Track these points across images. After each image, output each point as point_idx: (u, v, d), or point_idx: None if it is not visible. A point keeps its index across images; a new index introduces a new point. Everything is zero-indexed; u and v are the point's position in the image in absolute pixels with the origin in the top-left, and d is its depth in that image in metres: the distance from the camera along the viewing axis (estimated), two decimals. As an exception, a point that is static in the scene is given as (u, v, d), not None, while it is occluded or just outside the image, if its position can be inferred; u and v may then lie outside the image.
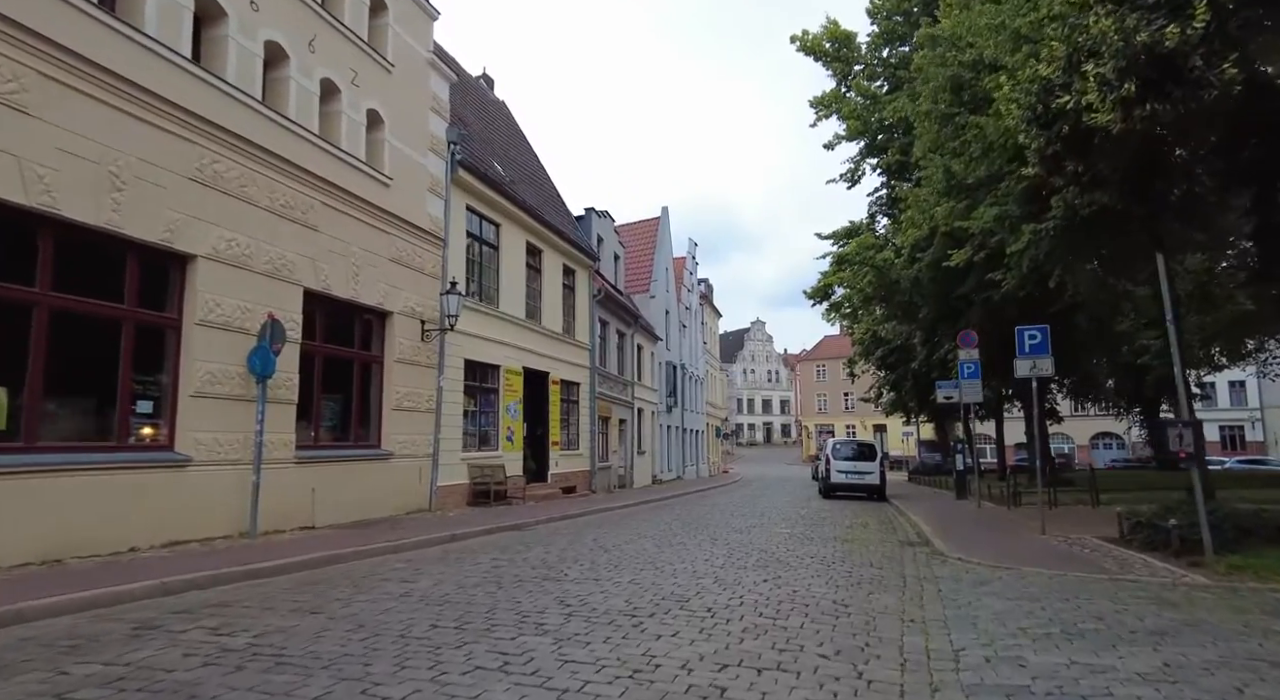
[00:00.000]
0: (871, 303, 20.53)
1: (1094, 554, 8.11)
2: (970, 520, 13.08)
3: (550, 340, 19.39)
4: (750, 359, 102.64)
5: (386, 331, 12.96)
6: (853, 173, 21.70)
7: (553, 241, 19.70)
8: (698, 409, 43.60)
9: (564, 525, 12.30)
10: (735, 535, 10.35)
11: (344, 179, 11.67)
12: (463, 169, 15.07)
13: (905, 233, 17.53)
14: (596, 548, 8.71)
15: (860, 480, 21.17)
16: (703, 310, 47.44)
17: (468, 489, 15.02)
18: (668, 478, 33.60)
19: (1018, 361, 10.28)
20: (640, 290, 33.53)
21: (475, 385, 15.79)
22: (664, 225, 36.09)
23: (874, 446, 22.13)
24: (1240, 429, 51.20)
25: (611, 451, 24.27)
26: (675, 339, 37.44)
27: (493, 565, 7.30)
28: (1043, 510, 10.34)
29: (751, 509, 16.58)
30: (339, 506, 11.18)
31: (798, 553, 8.50)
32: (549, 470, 18.86)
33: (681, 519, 13.41)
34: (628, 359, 27.20)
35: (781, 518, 13.91)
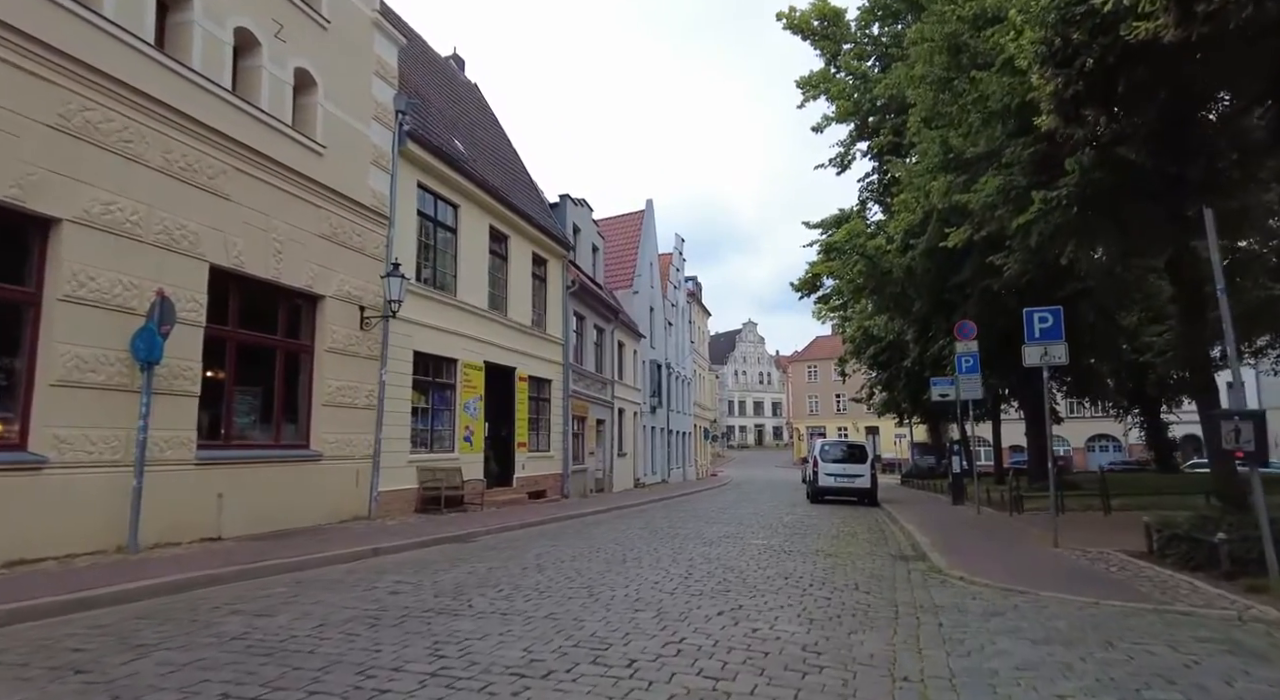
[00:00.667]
0: (862, 294, 19.25)
1: (1123, 573, 6.79)
2: (970, 529, 11.77)
3: (518, 333, 18.01)
4: (742, 360, 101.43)
5: (318, 317, 11.56)
6: (842, 157, 20.43)
7: (521, 227, 18.33)
8: (685, 410, 42.26)
9: (515, 536, 10.93)
10: (702, 549, 8.99)
11: (264, 143, 10.28)
12: (412, 141, 13.69)
13: (898, 217, 16.24)
14: (533, 566, 7.34)
15: (850, 484, 19.85)
16: (690, 308, 46.12)
17: (417, 494, 13.62)
18: (651, 481, 32.23)
19: (1026, 349, 8.97)
20: (623, 286, 32.19)
21: (427, 380, 14.39)
22: (648, 219, 34.76)
23: (864, 448, 20.82)
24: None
25: (588, 453, 22.89)
26: (660, 337, 36.10)
27: (391, 591, 5.92)
28: (1054, 518, 9.01)
29: (731, 515, 15.22)
30: (254, 514, 9.78)
31: (770, 572, 7.15)
32: (514, 474, 17.47)
33: (650, 527, 12.05)
34: (607, 356, 25.84)
35: (761, 526, 12.56)
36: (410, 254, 13.84)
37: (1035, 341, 8.85)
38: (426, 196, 14.66)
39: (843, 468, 20.02)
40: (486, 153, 19.47)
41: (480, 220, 16.54)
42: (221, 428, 9.84)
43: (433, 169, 14.55)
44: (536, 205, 20.78)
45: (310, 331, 11.52)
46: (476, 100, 23.06)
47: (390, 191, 13.26)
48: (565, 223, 22.31)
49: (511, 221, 17.85)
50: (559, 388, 20.35)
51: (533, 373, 18.69)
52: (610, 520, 13.83)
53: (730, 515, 15.29)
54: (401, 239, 13.47)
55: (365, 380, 12.39)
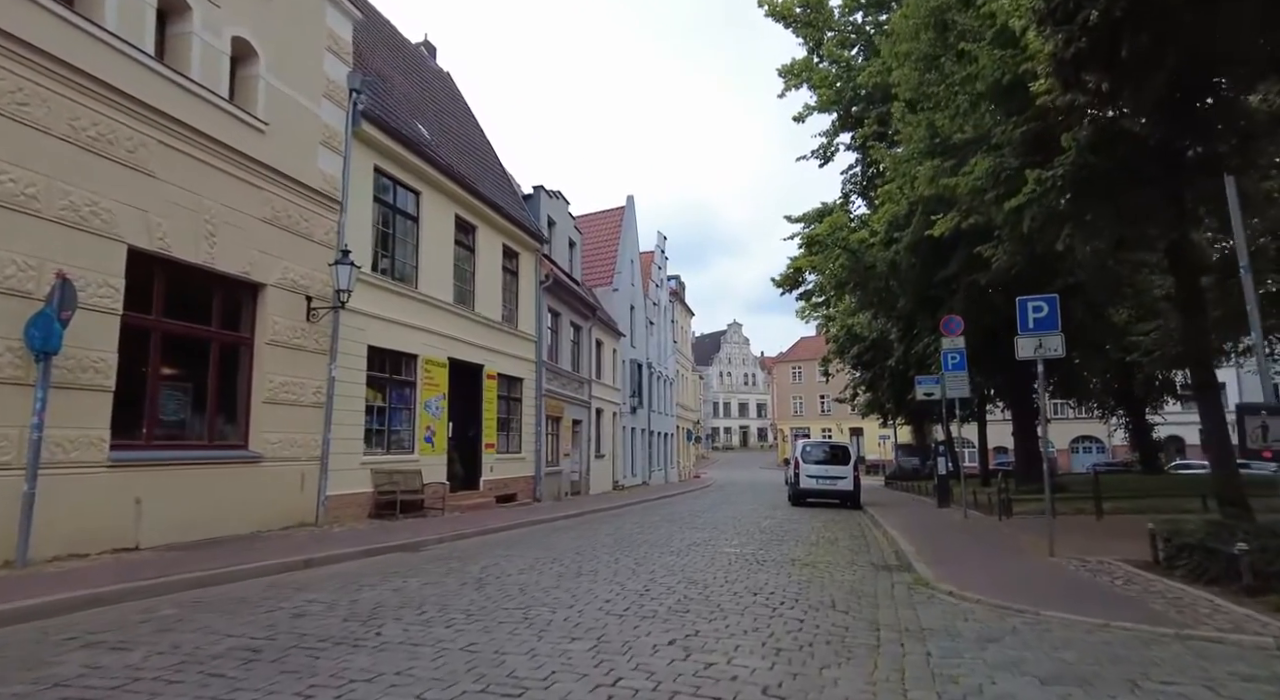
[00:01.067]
0: (844, 290, 18.57)
1: (1130, 588, 6.09)
2: (957, 534, 11.09)
3: (486, 329, 17.17)
4: (727, 361, 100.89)
5: (258, 307, 10.69)
6: (825, 149, 19.77)
7: (489, 218, 17.49)
8: (667, 411, 41.52)
9: (469, 545, 10.10)
10: (668, 559, 8.22)
11: (195, 116, 9.40)
12: (368, 122, 12.84)
13: (882, 209, 15.58)
14: (473, 582, 6.53)
15: (832, 486, 19.17)
16: (673, 307, 45.40)
17: (371, 498, 12.76)
18: (631, 483, 31.44)
19: (1020, 340, 8.28)
20: (602, 283, 31.41)
21: (384, 377, 13.53)
22: (629, 215, 33.99)
23: (847, 449, 20.15)
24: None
25: (563, 455, 22.07)
26: (641, 336, 35.33)
27: (296, 613, 5.10)
28: (1050, 524, 8.32)
29: (707, 519, 14.47)
30: (180, 521, 8.91)
31: (738, 586, 6.39)
32: (481, 476, 16.62)
33: (619, 534, 11.27)
34: (584, 354, 25.04)
35: (736, 531, 11.81)
36: (366, 242, 12.99)
37: (1029, 333, 8.17)
38: (385, 182, 13.81)
39: (825, 469, 19.35)
40: (455, 141, 18.63)
41: (445, 209, 15.69)
42: (143, 426, 8.94)
43: (391, 153, 13.70)
44: (508, 196, 19.96)
45: (250, 322, 10.64)
46: (447, 88, 22.21)
47: (343, 175, 12.40)
48: (539, 215, 21.49)
49: (479, 211, 17.02)
50: (531, 386, 19.53)
51: (503, 370, 17.86)
52: (578, 526, 13.03)
53: (706, 519, 14.54)
54: (355, 226, 12.62)
55: (313, 376, 11.53)
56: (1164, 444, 34.16)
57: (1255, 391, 38.07)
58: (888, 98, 15.60)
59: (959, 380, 13.80)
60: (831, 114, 19.04)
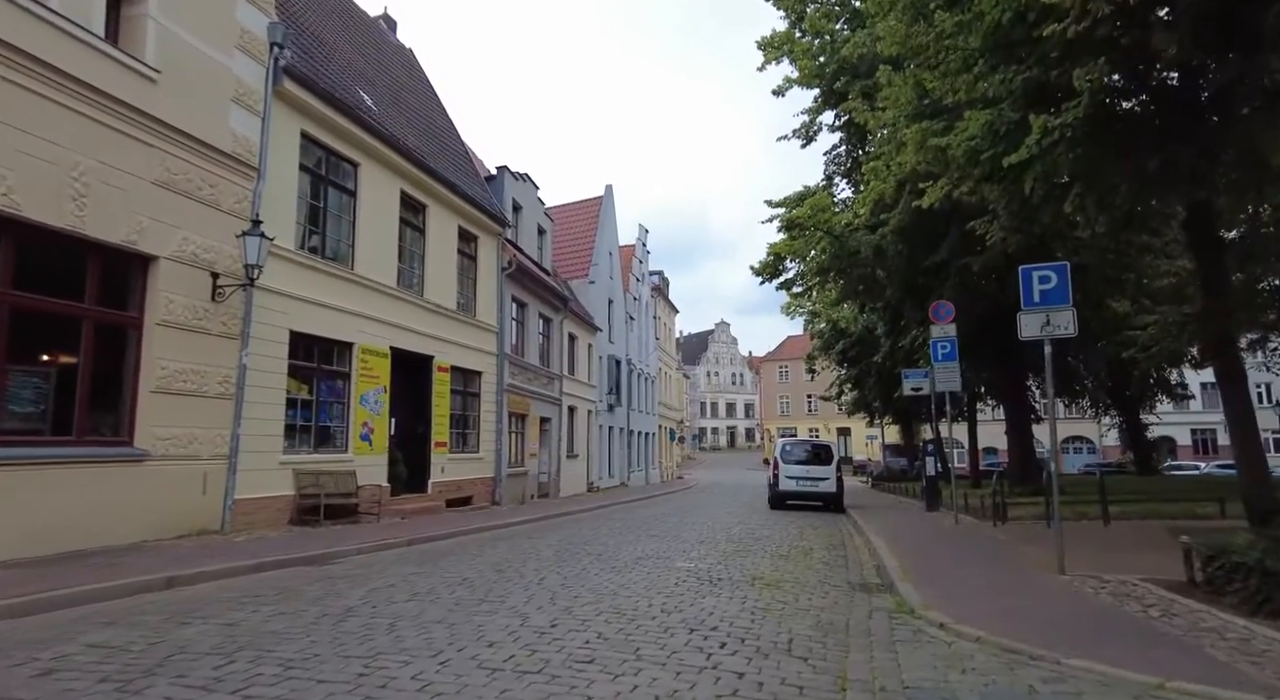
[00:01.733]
0: (827, 277, 17.30)
1: (1172, 621, 4.80)
2: (948, 544, 9.81)
3: (438, 317, 15.77)
4: (714, 361, 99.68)
5: (150, 283, 9.26)
6: (807, 128, 18.46)
7: (443, 197, 16.10)
8: (648, 409, 40.19)
9: (388, 557, 8.75)
10: (604, 578, 6.87)
11: (56, 54, 7.97)
12: (291, 80, 11.44)
13: (868, 187, 14.30)
14: (338, 614, 5.15)
15: (813, 488, 17.90)
16: (655, 303, 44.07)
17: (292, 502, 11.35)
18: (607, 485, 30.08)
19: (1024, 317, 6.98)
20: (578, 275, 30.06)
21: (311, 366, 12.12)
22: (607, 206, 32.63)
23: (830, 448, 18.87)
24: (1213, 432, 49.29)
25: (529, 455, 20.68)
26: (621, 332, 33.98)
27: (43, 670, 3.72)
28: (1059, 535, 7.02)
29: (672, 525, 13.15)
30: (34, 531, 7.51)
31: (674, 619, 5.06)
32: (430, 478, 15.21)
33: (564, 544, 9.92)
34: (555, 348, 23.66)
35: (700, 539, 10.49)
36: (289, 215, 11.59)
37: (1035, 308, 6.88)
38: (315, 150, 12.40)
39: (806, 470, 18.07)
40: (410, 116, 17.24)
41: (388, 184, 14.29)
42: (-15, 419, 7.52)
43: (323, 118, 12.29)
44: (468, 177, 18.56)
45: (139, 300, 9.21)
46: (406, 63, 20.81)
47: (261, 138, 10.99)
48: (503, 198, 20.10)
49: (430, 189, 15.62)
50: (492, 381, 18.14)
51: (457, 363, 16.46)
52: (526, 534, 11.67)
53: (671, 525, 13.21)
54: (276, 196, 11.22)
55: (219, 363, 10.11)
56: (1157, 444, 33.15)
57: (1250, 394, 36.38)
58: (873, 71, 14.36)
59: (949, 372, 12.54)
60: (814, 89, 17.76)
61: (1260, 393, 48.11)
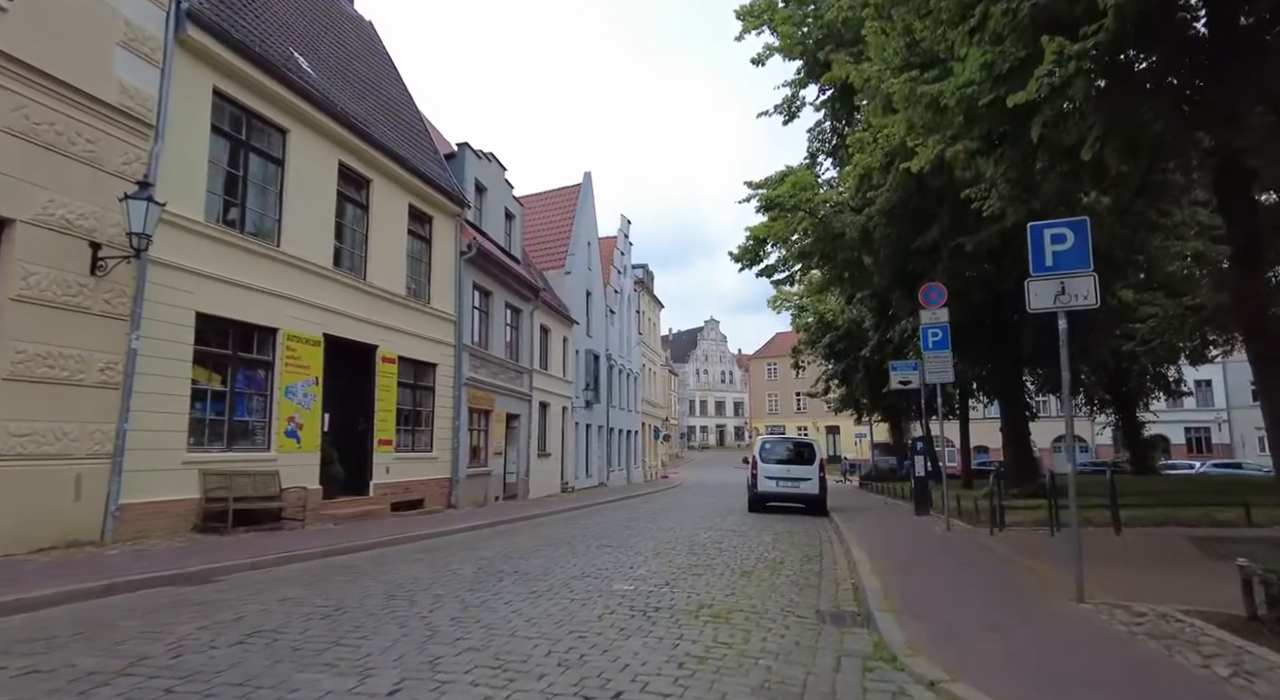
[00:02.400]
0: (809, 261, 16.01)
1: (1250, 681, 3.48)
2: (940, 556, 8.54)
3: (384, 303, 14.40)
4: (704, 359, 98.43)
5: (3, 251, 7.87)
6: (789, 103, 17.19)
7: (391, 171, 14.72)
8: (630, 407, 38.87)
9: (287, 573, 7.44)
10: (514, 608, 5.54)
11: None
12: (199, 28, 10.05)
13: (854, 160, 13.05)
14: (127, 666, 3.81)
15: (795, 489, 16.63)
16: (639, 297, 42.72)
17: (199, 507, 9.97)
18: (584, 485, 28.76)
19: (1034, 285, 5.69)
20: (554, 266, 28.70)
21: (225, 354, 10.75)
22: (585, 194, 31.26)
23: (812, 446, 17.59)
24: (1206, 430, 48.45)
25: (493, 454, 19.32)
26: (600, 326, 32.64)
27: None
28: (1078, 556, 5.72)
29: (633, 532, 11.85)
30: None
31: (569, 678, 3.74)
32: (371, 479, 13.84)
33: (493, 558, 8.60)
34: (525, 341, 22.30)
35: (657, 551, 9.18)
36: (197, 182, 10.22)
37: (1047, 273, 5.59)
38: (231, 110, 11.02)
39: (787, 470, 16.80)
40: (359, 87, 15.85)
41: (323, 154, 12.90)
42: None
43: (241, 75, 10.90)
44: (423, 153, 17.18)
45: (-10, 271, 7.83)
46: (363, 35, 19.39)
47: (160, 91, 9.60)
48: (465, 178, 18.71)
49: (376, 162, 14.24)
50: (448, 374, 16.78)
51: (406, 353, 15.08)
52: (464, 543, 10.35)
53: (634, 531, 11.92)
54: (182, 160, 9.86)
55: (101, 347, 8.73)
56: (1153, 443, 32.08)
57: (1236, 390, 36.20)
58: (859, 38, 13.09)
59: (941, 362, 11.28)
60: (796, 60, 16.47)
61: (1254, 389, 47.32)
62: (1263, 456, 44.78)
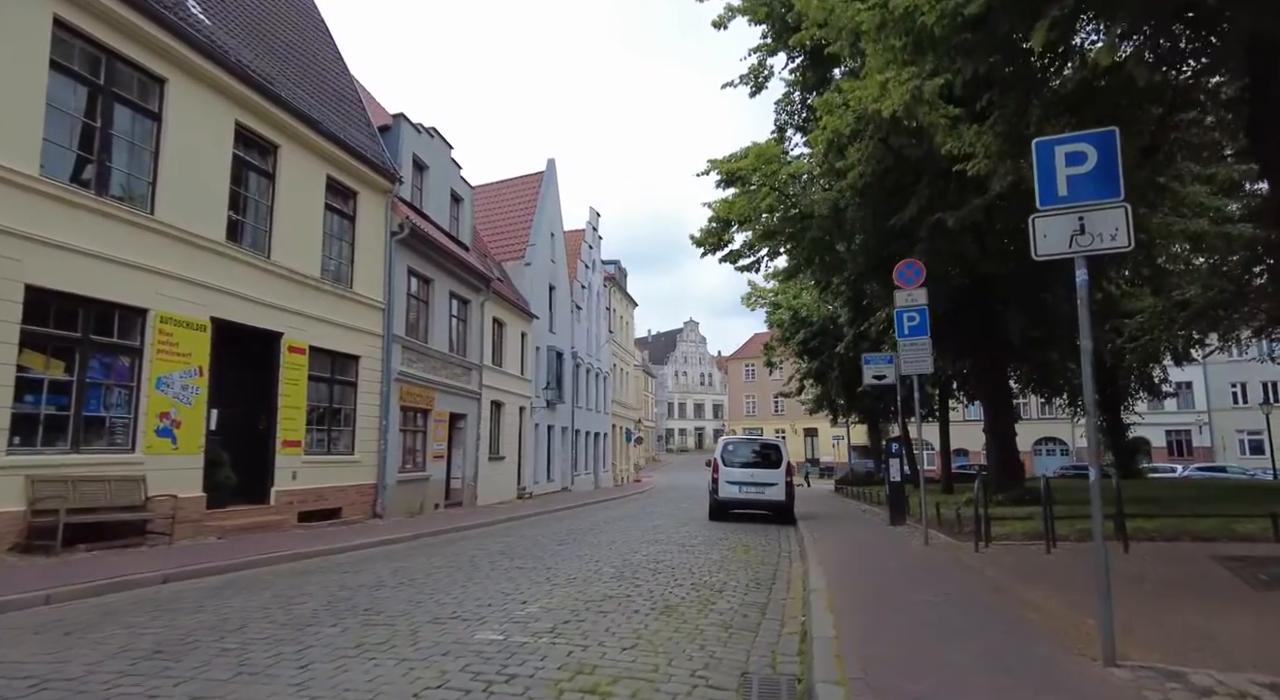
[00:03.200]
0: (776, 243, 14.49)
1: None
2: (915, 585, 7.01)
3: (293, 285, 12.69)
4: (683, 361, 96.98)
5: None
6: (756, 73, 15.64)
7: (303, 137, 13.01)
8: (599, 408, 37.24)
9: (88, 610, 5.72)
10: (312, 672, 3.94)
11: None
12: (28, -59, 8.30)
13: (823, 123, 11.56)
14: None
15: (759, 495, 15.08)
16: (610, 294, 41.07)
17: (23, 521, 8.21)
18: (545, 490, 27.08)
19: (1041, 224, 4.13)
20: (513, 257, 27.04)
21: (70, 336, 9.00)
22: (548, 182, 29.62)
23: (778, 447, 16.04)
24: (1187, 433, 47.69)
25: (432, 457, 17.60)
26: (565, 322, 30.99)
27: None
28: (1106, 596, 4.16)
29: (566, 548, 10.25)
30: None
31: None
32: (273, 486, 12.09)
33: (370, 586, 6.97)
34: (474, 335, 20.60)
35: (571, 577, 7.55)
36: (28, 130, 8.48)
37: (1060, 205, 4.06)
38: (84, 48, 9.27)
39: (750, 474, 15.25)
40: (278, 48, 14.12)
41: (215, 112, 11.17)
42: None
43: (94, 5, 9.16)
44: (349, 121, 15.47)
45: None
46: (301, 4, 17.60)
47: (-24, 16, 7.86)
48: (400, 152, 16.98)
49: (284, 126, 12.53)
50: (375, 368, 15.05)
51: (320, 343, 13.36)
52: (350, 564, 8.68)
53: (563, 548, 10.31)
54: (7, 101, 8.10)
55: (-123, 324, 6.97)
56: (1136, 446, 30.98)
57: (1217, 394, 35.01)
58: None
59: (917, 350, 9.79)
60: (760, 25, 14.96)
61: (1236, 392, 46.61)
62: (1245, 460, 44.15)
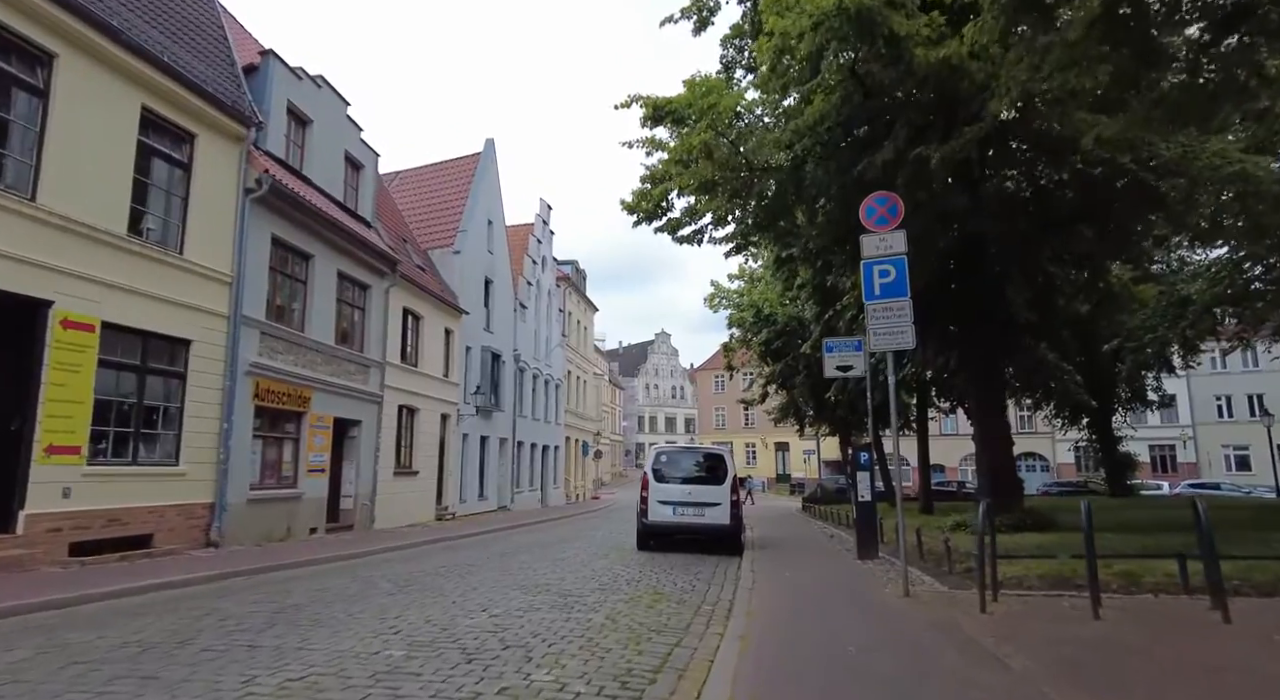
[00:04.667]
0: (715, 196, 11.61)
1: None
2: (897, 692, 4.06)
3: (77, 241, 9.55)
4: (654, 373, 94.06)
5: None
6: (699, 5, 12.85)
7: (100, 50, 9.92)
8: (548, 418, 34.11)
9: None
10: None
11: None
12: None
13: (769, 26, 8.74)
14: None
15: (698, 519, 12.08)
16: (565, 296, 38.05)
17: None
18: (476, 510, 23.89)
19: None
20: (440, 244, 24.01)
21: None
22: (485, 165, 26.66)
23: (723, 459, 13.01)
24: (1171, 448, 45.61)
25: (307, 470, 14.39)
26: (506, 321, 27.94)
27: None
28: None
29: (392, 602, 7.18)
30: None
31: None
32: (25, 508, 8.85)
33: None
34: (375, 327, 17.48)
35: (361, 663, 4.52)
36: None
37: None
38: None
39: (688, 492, 12.26)
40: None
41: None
42: None
43: None
44: (195, 51, 12.39)
45: None
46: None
47: None
48: (266, 97, 13.90)
49: (67, 30, 9.43)
50: (216, 356, 11.91)
51: (122, 320, 10.20)
52: (19, 630, 5.54)
53: (394, 601, 7.26)
54: None
55: None
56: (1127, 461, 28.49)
57: (1201, 407, 32.30)
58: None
59: (894, 318, 6.93)
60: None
61: (1221, 405, 44.70)
62: (1236, 476, 42.06)
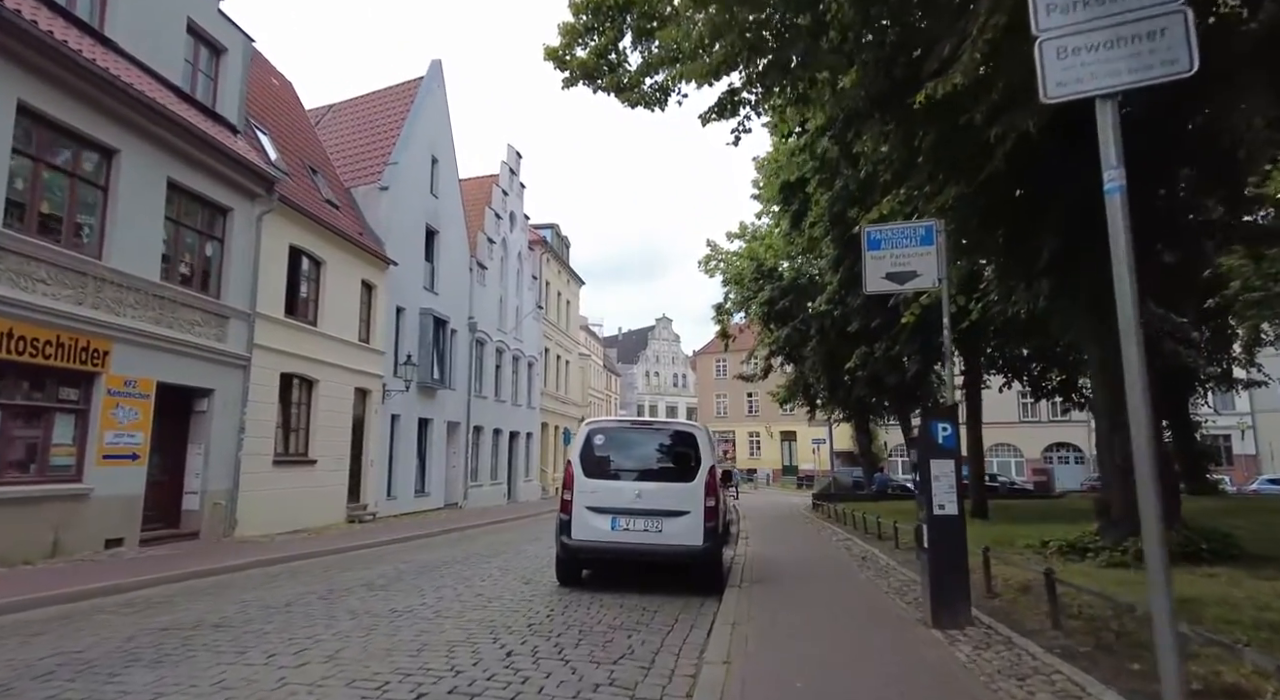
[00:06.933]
0: (695, 64, 6.88)
1: None
2: None
3: None
4: (654, 360, 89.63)
5: None
6: None
7: None
8: (520, 401, 29.63)
9: None
10: None
11: None
12: None
13: None
14: None
15: (651, 538, 7.46)
16: (540, 262, 33.34)
17: None
18: (413, 508, 19.44)
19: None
20: (364, 180, 19.46)
21: None
22: (429, 88, 22.02)
23: (693, 440, 8.08)
24: (1227, 439, 40.73)
25: (103, 456, 9.92)
26: (456, 282, 23.41)
27: None
28: None
29: None
30: None
31: None
32: None
33: None
34: (240, 265, 12.98)
35: None
36: None
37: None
38: None
39: (636, 493, 7.63)
40: None
41: None
42: None
43: None
44: None
45: None
46: None
47: None
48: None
49: None
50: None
51: None
52: None
53: None
54: None
55: None
56: (1208, 452, 23.83)
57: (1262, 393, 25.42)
58: None
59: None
60: None
61: None
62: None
